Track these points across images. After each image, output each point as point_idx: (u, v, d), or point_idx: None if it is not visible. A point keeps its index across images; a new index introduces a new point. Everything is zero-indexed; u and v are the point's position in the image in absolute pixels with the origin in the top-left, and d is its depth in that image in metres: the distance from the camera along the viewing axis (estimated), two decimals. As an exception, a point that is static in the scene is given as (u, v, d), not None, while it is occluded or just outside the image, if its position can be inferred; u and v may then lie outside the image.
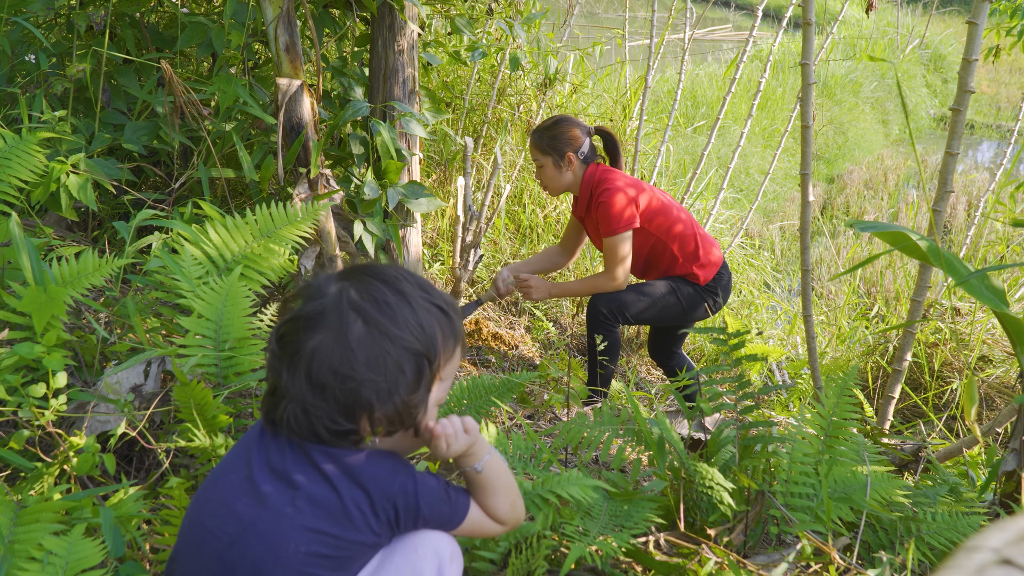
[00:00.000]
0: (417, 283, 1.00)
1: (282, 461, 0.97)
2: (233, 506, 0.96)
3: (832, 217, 7.10)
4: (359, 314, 0.95)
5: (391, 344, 0.95)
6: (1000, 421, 2.05)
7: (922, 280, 2.14)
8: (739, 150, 4.06)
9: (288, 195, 2.38)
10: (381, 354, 0.94)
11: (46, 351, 1.39)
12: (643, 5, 8.61)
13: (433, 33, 4.21)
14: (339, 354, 0.93)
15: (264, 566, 0.94)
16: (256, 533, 0.94)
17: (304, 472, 0.96)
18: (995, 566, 0.49)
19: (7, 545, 1.08)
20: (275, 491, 0.96)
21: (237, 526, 0.95)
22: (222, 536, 0.96)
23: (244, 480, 0.98)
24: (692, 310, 2.73)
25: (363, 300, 0.96)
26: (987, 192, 4.17)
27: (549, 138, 2.70)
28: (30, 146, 1.85)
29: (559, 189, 2.78)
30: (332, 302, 0.96)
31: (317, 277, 1.01)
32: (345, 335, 0.94)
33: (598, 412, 1.69)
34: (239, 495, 0.97)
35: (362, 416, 0.95)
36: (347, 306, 0.95)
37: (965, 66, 1.90)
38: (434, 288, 1.03)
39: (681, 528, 1.48)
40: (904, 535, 1.54)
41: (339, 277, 0.99)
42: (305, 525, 0.94)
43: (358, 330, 0.94)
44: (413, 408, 0.98)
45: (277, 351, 0.96)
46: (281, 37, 2.26)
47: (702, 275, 2.70)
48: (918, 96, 11.12)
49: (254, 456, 0.99)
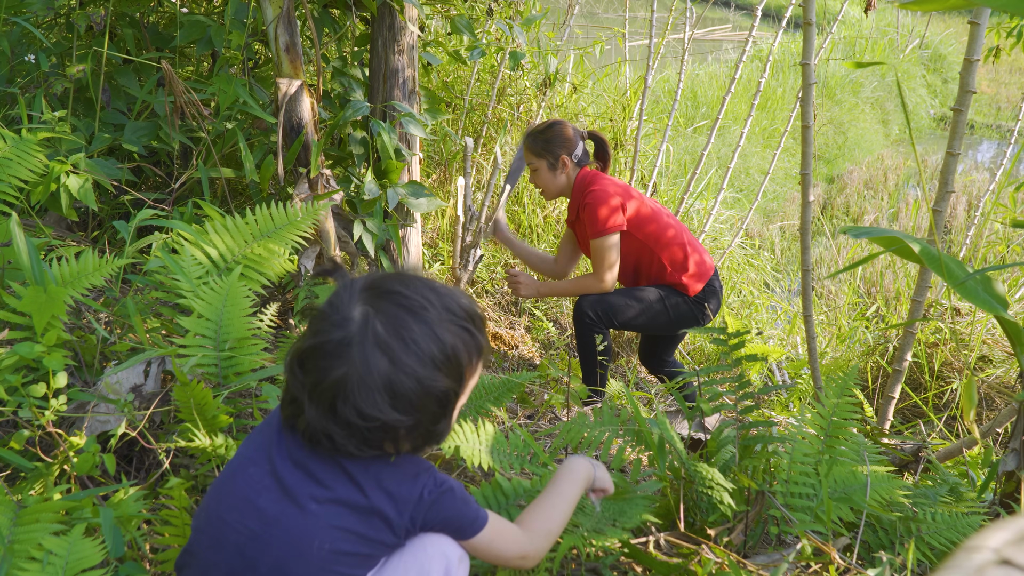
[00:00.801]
0: (443, 305, 0.97)
1: (306, 459, 0.98)
2: (255, 501, 0.96)
3: (832, 217, 7.10)
4: (385, 353, 0.92)
5: (418, 384, 0.93)
6: (1000, 421, 2.05)
7: (922, 280, 2.14)
8: (739, 150, 4.06)
9: (288, 195, 2.38)
10: (407, 394, 0.93)
11: (46, 351, 1.39)
12: (643, 5, 8.61)
13: (433, 33, 4.22)
14: (364, 394, 0.91)
15: (287, 562, 0.94)
16: (280, 529, 0.95)
17: (329, 471, 0.97)
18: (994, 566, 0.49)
19: (7, 545, 1.08)
20: (300, 488, 0.96)
21: (260, 521, 0.95)
22: (243, 531, 0.96)
23: (266, 475, 0.98)
24: (680, 321, 2.70)
25: (389, 336, 0.93)
26: (987, 192, 4.17)
27: (543, 141, 2.70)
28: (30, 146, 1.85)
29: (554, 192, 2.78)
30: (358, 334, 0.93)
31: (341, 291, 0.97)
32: (371, 374, 0.92)
33: (598, 412, 1.69)
34: (261, 490, 0.97)
35: (386, 443, 0.96)
36: (372, 341, 0.92)
37: (966, 66, 1.90)
38: (459, 302, 1.00)
39: (681, 528, 1.48)
40: (904, 535, 1.54)
41: (363, 299, 0.96)
42: (331, 523, 0.94)
43: (384, 369, 0.92)
44: (439, 435, 1.00)
45: (300, 375, 0.95)
46: (281, 37, 2.26)
47: (691, 285, 2.67)
48: (918, 96, 11.12)
49: (275, 451, 0.99)
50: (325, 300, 0.98)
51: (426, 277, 1.02)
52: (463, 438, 1.48)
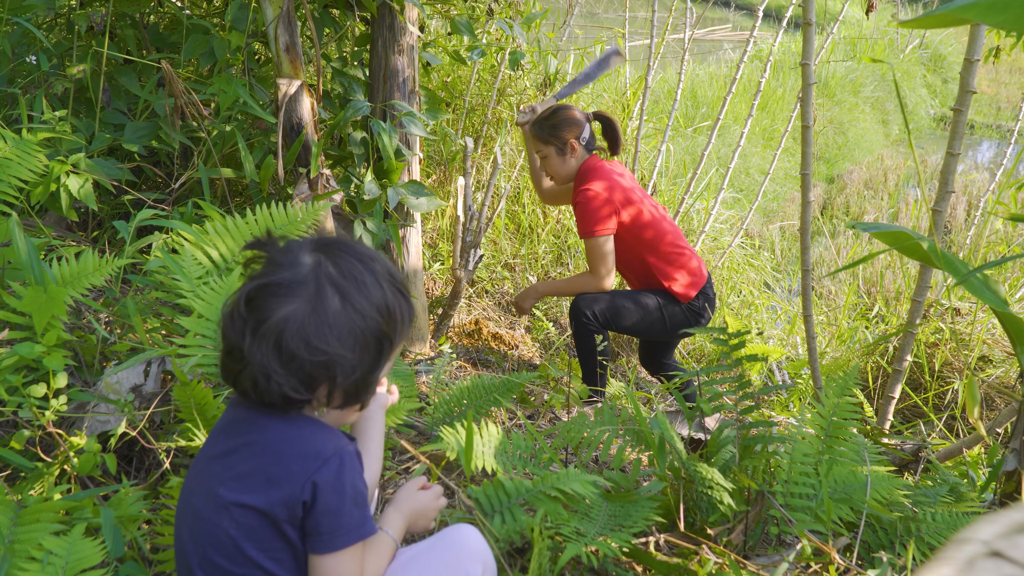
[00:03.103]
0: (386, 267, 1.02)
1: (227, 440, 1.00)
2: (189, 500, 1.01)
3: (832, 217, 7.10)
4: (337, 289, 0.96)
5: (364, 322, 0.96)
6: (1000, 421, 2.05)
7: (922, 280, 2.14)
8: (739, 150, 4.06)
9: (288, 195, 2.38)
10: (353, 330, 0.96)
11: (46, 351, 1.39)
12: (643, 5, 8.61)
13: (433, 33, 4.21)
14: (314, 326, 0.94)
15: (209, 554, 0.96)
16: (202, 523, 0.97)
17: (237, 445, 0.98)
18: (985, 558, 0.49)
19: (7, 545, 1.08)
20: (214, 479, 0.98)
21: (193, 518, 0.99)
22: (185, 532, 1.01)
23: (198, 473, 1.01)
24: (675, 325, 2.70)
25: (342, 276, 0.97)
26: (987, 192, 4.17)
27: (549, 127, 2.70)
28: (30, 146, 1.85)
29: (565, 177, 2.78)
30: (310, 273, 0.96)
31: (287, 243, 1.00)
32: (324, 308, 0.94)
33: (598, 412, 1.69)
34: (195, 489, 1.01)
35: (322, 386, 0.97)
36: (325, 280, 0.96)
37: (967, 66, 1.90)
38: (396, 271, 1.04)
39: (681, 528, 1.48)
40: (904, 535, 1.54)
41: (313, 248, 0.99)
42: (233, 501, 0.95)
43: (335, 305, 0.95)
44: (371, 384, 1.01)
45: (244, 313, 0.95)
46: (281, 37, 2.26)
47: (683, 291, 2.66)
48: (918, 96, 11.11)
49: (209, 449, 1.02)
50: (272, 249, 0.99)
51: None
52: (465, 439, 1.48)
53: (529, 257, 4.03)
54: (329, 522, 0.94)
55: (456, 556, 1.05)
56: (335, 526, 0.95)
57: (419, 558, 1.05)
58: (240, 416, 1.00)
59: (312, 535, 0.95)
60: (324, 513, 0.94)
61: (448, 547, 1.06)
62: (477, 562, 1.06)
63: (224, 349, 0.98)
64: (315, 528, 0.95)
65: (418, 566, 1.04)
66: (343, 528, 0.95)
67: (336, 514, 0.95)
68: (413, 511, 1.14)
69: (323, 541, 0.95)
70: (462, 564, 1.04)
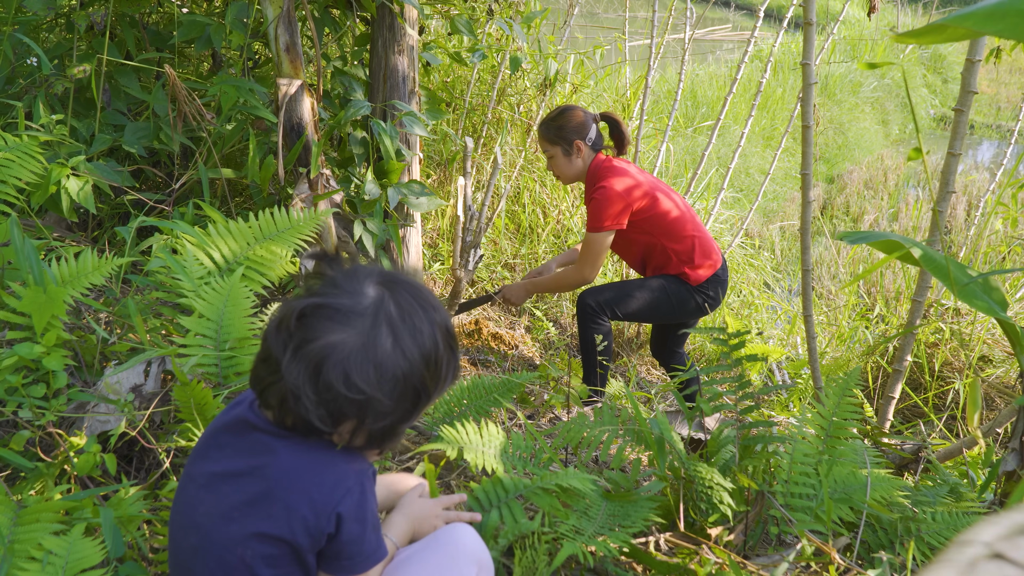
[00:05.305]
0: (444, 319, 0.98)
1: (237, 457, 0.97)
2: (192, 516, 0.98)
3: (832, 217, 7.09)
4: (392, 330, 0.92)
5: (409, 369, 0.93)
6: (1000, 421, 2.05)
7: (923, 281, 2.14)
8: (739, 150, 4.06)
9: (288, 195, 2.38)
10: (396, 375, 0.92)
11: (46, 351, 1.39)
12: (643, 5, 8.61)
13: (433, 33, 4.21)
14: (358, 362, 0.90)
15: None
16: (209, 542, 0.96)
17: (250, 467, 0.96)
18: (987, 560, 0.49)
19: (7, 545, 1.08)
20: (221, 497, 0.96)
21: (197, 535, 0.97)
22: (187, 547, 0.98)
23: (199, 488, 0.98)
24: (682, 306, 2.71)
25: (400, 319, 0.93)
26: (987, 192, 4.17)
27: (556, 128, 2.71)
28: (30, 148, 1.85)
29: (571, 178, 2.79)
30: (371, 306, 0.92)
31: (354, 268, 0.97)
32: (374, 346, 0.91)
33: (598, 412, 1.69)
34: (196, 504, 0.98)
35: (348, 423, 0.93)
36: (383, 317, 0.92)
37: (968, 67, 1.90)
38: (451, 325, 1.00)
39: (681, 528, 1.48)
40: (904, 535, 1.54)
41: (380, 281, 0.95)
42: (253, 532, 0.93)
43: (386, 346, 0.91)
44: (398, 434, 0.98)
45: (292, 328, 0.91)
46: (281, 37, 2.26)
47: (694, 276, 2.68)
48: (918, 96, 11.11)
49: (206, 458, 1.00)
50: (336, 270, 0.97)
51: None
52: (466, 439, 1.48)
53: (529, 257, 4.03)
54: (351, 550, 0.96)
55: (451, 556, 1.05)
56: (356, 552, 0.96)
57: (415, 558, 1.05)
58: (249, 430, 0.97)
59: (331, 560, 0.96)
60: (347, 542, 0.95)
61: (444, 547, 1.06)
62: (472, 562, 1.06)
63: (261, 356, 0.95)
64: (336, 555, 0.96)
65: (413, 566, 1.04)
66: (363, 554, 0.97)
67: (358, 542, 0.96)
68: (417, 517, 1.16)
69: (343, 567, 0.97)
70: (457, 564, 1.04)
